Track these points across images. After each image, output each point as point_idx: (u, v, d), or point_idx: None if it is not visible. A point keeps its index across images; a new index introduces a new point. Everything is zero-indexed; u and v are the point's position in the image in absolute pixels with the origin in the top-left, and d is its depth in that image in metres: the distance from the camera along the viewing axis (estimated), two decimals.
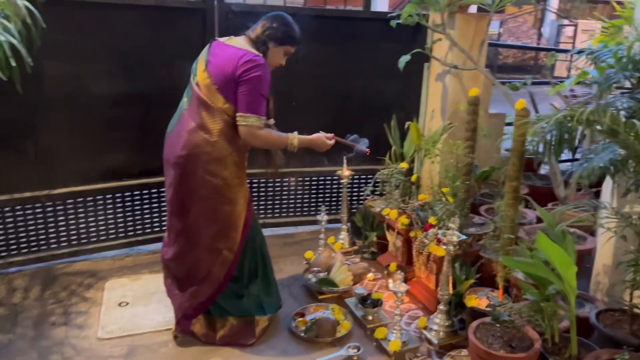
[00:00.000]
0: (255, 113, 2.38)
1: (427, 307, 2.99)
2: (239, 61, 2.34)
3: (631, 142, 1.88)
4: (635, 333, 2.33)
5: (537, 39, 16.88)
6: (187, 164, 2.41)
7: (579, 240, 3.09)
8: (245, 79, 2.34)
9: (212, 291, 2.56)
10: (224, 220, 2.51)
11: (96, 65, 3.21)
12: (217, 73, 2.39)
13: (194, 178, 2.42)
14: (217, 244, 2.51)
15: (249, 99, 2.36)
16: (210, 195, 2.45)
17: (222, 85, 2.38)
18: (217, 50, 2.47)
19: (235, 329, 2.62)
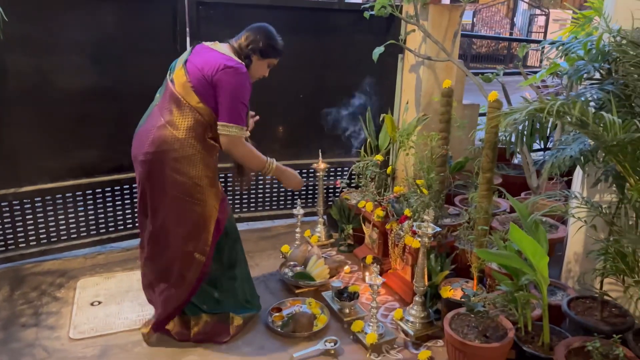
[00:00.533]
0: (237, 123, 2.33)
1: (403, 299, 3.01)
2: (220, 66, 2.29)
3: (600, 133, 1.90)
4: (605, 320, 2.38)
5: (510, 29, 17.07)
6: (154, 161, 2.34)
7: (550, 229, 3.14)
8: (226, 85, 2.29)
9: (186, 295, 2.50)
10: (193, 222, 2.43)
11: (63, 58, 3.12)
12: (194, 72, 2.33)
13: (161, 176, 2.36)
14: (187, 246, 2.43)
15: (231, 107, 2.31)
16: (179, 195, 2.37)
17: (198, 85, 2.32)
18: (200, 51, 2.42)
19: (209, 327, 2.59)
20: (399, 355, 2.53)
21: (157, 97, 2.48)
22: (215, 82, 2.29)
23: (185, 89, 2.34)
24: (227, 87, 2.29)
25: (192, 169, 2.37)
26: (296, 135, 3.88)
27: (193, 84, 2.32)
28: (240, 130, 2.35)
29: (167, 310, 2.52)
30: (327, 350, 2.52)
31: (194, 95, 2.32)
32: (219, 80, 2.28)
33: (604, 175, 2.28)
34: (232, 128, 2.32)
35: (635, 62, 2.09)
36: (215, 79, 2.28)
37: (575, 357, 2.13)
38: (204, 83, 2.31)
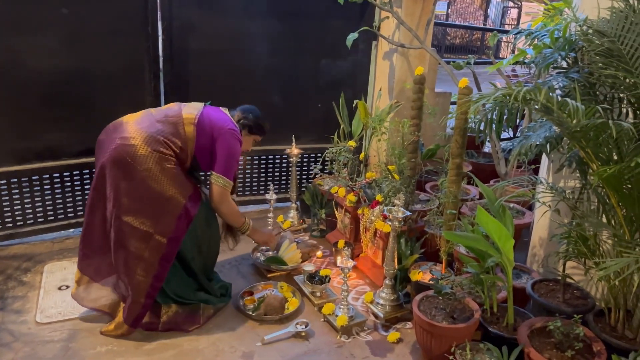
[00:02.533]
0: (228, 177, 2.60)
1: (374, 282, 3.05)
2: (227, 125, 2.60)
3: (565, 119, 1.95)
4: (567, 302, 2.47)
5: (484, 20, 17.27)
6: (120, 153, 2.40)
7: (518, 215, 3.22)
8: (226, 143, 2.57)
9: (151, 280, 2.44)
10: (150, 199, 2.41)
11: (31, 38, 3.02)
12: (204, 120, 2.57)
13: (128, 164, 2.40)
14: (144, 225, 2.41)
15: (226, 162, 2.58)
16: (142, 176, 2.39)
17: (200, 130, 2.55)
18: (214, 108, 2.70)
19: (179, 316, 2.56)
20: (368, 337, 2.58)
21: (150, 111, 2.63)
22: (217, 137, 2.56)
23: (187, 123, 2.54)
24: (226, 144, 2.58)
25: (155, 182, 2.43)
26: (269, 121, 3.83)
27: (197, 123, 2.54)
28: (228, 183, 2.61)
29: (136, 298, 2.44)
30: (297, 332, 2.55)
31: (191, 127, 2.53)
32: (221, 135, 2.57)
33: (568, 161, 2.35)
34: (223, 180, 2.58)
35: (600, 51, 2.15)
36: (219, 132, 2.57)
37: (537, 336, 2.20)
38: (206, 127, 2.56)
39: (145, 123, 2.50)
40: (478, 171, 3.71)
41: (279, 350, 2.46)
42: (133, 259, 2.42)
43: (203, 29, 3.49)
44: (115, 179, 2.40)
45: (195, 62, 3.52)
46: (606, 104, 2.16)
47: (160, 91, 3.46)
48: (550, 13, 3.75)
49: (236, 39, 3.60)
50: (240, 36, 3.60)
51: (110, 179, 2.41)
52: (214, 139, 2.56)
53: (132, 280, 2.44)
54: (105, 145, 2.47)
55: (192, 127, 2.53)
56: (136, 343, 2.45)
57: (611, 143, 2.05)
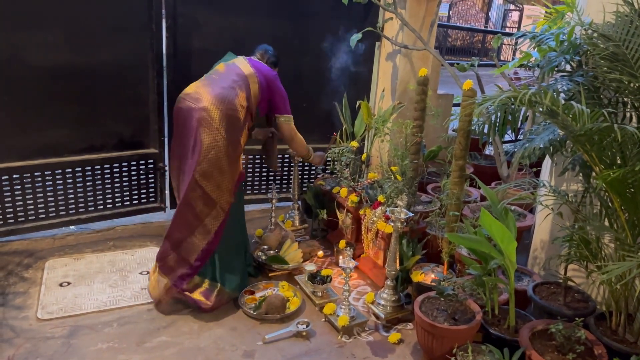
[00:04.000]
0: (289, 113, 2.98)
1: (375, 283, 3.05)
2: (272, 73, 2.91)
3: (569, 122, 1.95)
4: (568, 305, 2.47)
5: (485, 23, 17.28)
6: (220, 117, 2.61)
7: (519, 218, 3.23)
8: (278, 88, 2.91)
9: (205, 245, 2.64)
10: (222, 171, 2.63)
11: (35, 35, 3.02)
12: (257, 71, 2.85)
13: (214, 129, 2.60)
14: (213, 193, 2.63)
15: (285, 102, 2.94)
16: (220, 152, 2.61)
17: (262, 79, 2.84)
18: (251, 61, 2.93)
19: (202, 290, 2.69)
20: (369, 338, 2.58)
21: (217, 70, 2.85)
22: (270, 85, 2.87)
23: (250, 76, 2.80)
24: (279, 88, 2.92)
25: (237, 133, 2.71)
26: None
27: (257, 77, 2.81)
28: (291, 117, 3.00)
29: (188, 260, 2.64)
30: (299, 332, 2.55)
31: (256, 85, 2.80)
32: (272, 83, 2.88)
33: (571, 164, 2.35)
34: (287, 118, 2.97)
35: (605, 55, 2.16)
36: (270, 82, 2.87)
37: (538, 339, 2.20)
38: (263, 80, 2.83)
39: (217, 90, 2.67)
40: (479, 173, 3.71)
41: (280, 349, 2.46)
42: (196, 220, 2.63)
43: (207, 28, 3.49)
44: (201, 141, 2.58)
45: (198, 61, 3.52)
46: (610, 108, 2.17)
47: (163, 89, 3.46)
48: (553, 16, 3.76)
49: (240, 38, 3.59)
50: (244, 35, 3.60)
51: (199, 138, 2.59)
52: (269, 87, 2.86)
53: (190, 239, 2.64)
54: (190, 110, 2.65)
55: (257, 85, 2.80)
56: (137, 340, 2.45)
57: (615, 147, 2.06)
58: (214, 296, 2.69)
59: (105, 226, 3.53)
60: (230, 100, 2.65)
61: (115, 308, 2.67)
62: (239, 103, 2.68)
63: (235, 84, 2.73)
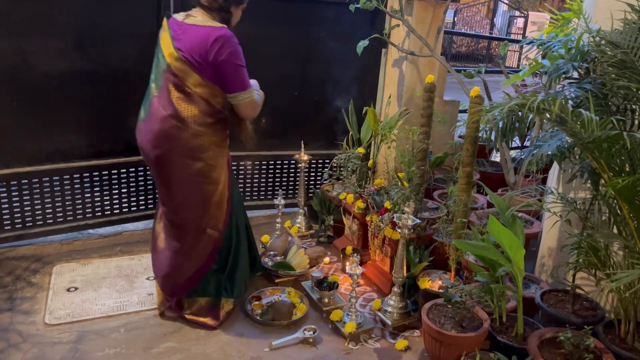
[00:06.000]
0: (245, 89, 2.39)
1: (381, 290, 3.05)
2: (208, 42, 2.26)
3: (578, 130, 1.95)
4: (576, 312, 2.46)
5: (490, 29, 17.30)
6: (165, 156, 2.38)
7: (526, 225, 3.21)
8: (222, 59, 2.27)
9: (195, 269, 2.57)
10: (208, 200, 2.50)
11: (44, 40, 3.04)
12: (188, 54, 2.29)
13: (174, 165, 2.40)
14: (201, 222, 2.52)
15: (235, 78, 2.34)
16: (193, 177, 2.43)
17: (197, 65, 2.29)
18: (179, 31, 2.34)
19: (202, 310, 2.63)
20: (376, 345, 2.57)
21: (154, 87, 2.42)
22: (212, 61, 2.27)
23: (184, 72, 2.31)
24: (223, 60, 2.27)
25: (204, 153, 2.42)
26: (279, 127, 3.87)
27: (192, 65, 2.29)
28: (250, 93, 2.41)
29: (177, 281, 2.57)
30: (305, 338, 2.55)
31: (195, 75, 2.30)
32: (213, 58, 2.26)
33: (580, 172, 2.35)
34: (244, 95, 2.39)
35: (613, 62, 2.16)
36: (210, 58, 2.26)
37: (547, 347, 2.19)
38: (200, 64, 2.28)
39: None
40: (486, 180, 3.70)
41: (287, 356, 2.46)
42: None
43: None
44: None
45: None
46: (619, 115, 2.17)
47: None
48: (560, 23, 3.77)
49: (246, 45, 3.58)
50: (250, 42, 3.58)
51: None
52: (209, 62, 2.29)
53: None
54: None
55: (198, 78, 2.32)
56: (144, 346, 2.45)
57: (624, 154, 2.05)
58: (221, 312, 2.64)
59: (113, 231, 3.54)
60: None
61: (122, 313, 2.68)
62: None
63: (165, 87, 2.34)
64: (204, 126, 2.38)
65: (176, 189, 2.46)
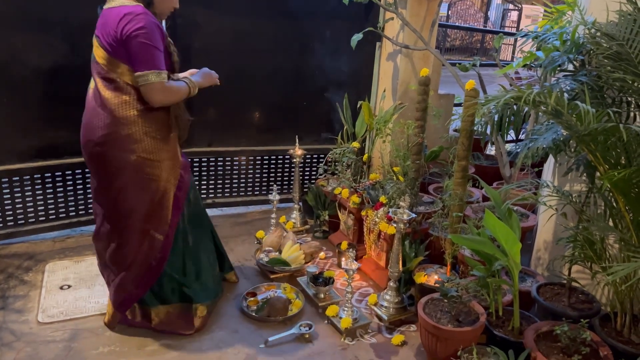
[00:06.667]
0: (153, 68, 2.15)
1: (377, 284, 3.04)
2: (117, 19, 2.12)
3: (574, 122, 1.94)
4: (573, 306, 2.46)
5: (484, 22, 17.28)
6: (98, 150, 2.26)
7: (521, 218, 3.21)
8: (130, 34, 2.10)
9: (145, 277, 2.41)
10: (149, 198, 2.33)
11: (34, 35, 3.00)
12: (104, 39, 2.18)
13: (109, 160, 2.26)
14: (143, 224, 2.34)
15: (142, 55, 2.13)
16: (131, 173, 2.27)
17: (111, 48, 2.16)
18: (101, 20, 2.24)
19: (172, 317, 2.50)
20: (372, 340, 2.56)
21: (91, 84, 2.36)
22: (121, 38, 2.12)
23: (107, 60, 2.19)
24: (130, 35, 2.10)
25: (136, 145, 2.25)
26: (273, 121, 3.85)
27: (110, 51, 2.17)
28: (158, 75, 2.17)
29: (127, 291, 2.42)
30: (301, 334, 2.53)
31: (116, 61, 2.18)
32: (121, 33, 2.11)
33: (576, 165, 2.34)
34: (150, 75, 2.15)
35: (608, 54, 2.14)
36: (119, 35, 2.12)
37: (543, 340, 2.19)
38: (115, 46, 2.16)
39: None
40: (481, 174, 3.68)
41: (283, 352, 2.44)
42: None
43: (206, 28, 3.47)
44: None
45: (198, 61, 3.47)
46: (614, 108, 2.15)
47: None
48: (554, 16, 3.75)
49: (240, 38, 3.58)
50: (244, 35, 3.59)
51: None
52: (117, 39, 2.13)
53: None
54: None
55: (101, 50, 2.18)
56: (139, 344, 2.43)
57: (620, 147, 2.05)
58: (195, 319, 2.51)
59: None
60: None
61: None
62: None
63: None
64: (132, 115, 2.22)
65: (113, 186, 2.29)
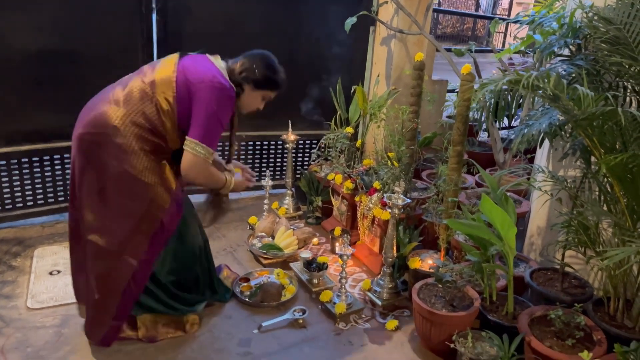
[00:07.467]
0: (209, 145, 2.07)
1: (370, 270, 3.03)
2: (207, 77, 2.06)
3: (571, 107, 1.93)
4: (566, 290, 2.46)
5: (475, 10, 17.24)
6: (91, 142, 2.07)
7: (515, 204, 3.21)
8: (206, 98, 2.03)
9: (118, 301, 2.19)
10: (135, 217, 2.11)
11: (21, 17, 2.92)
12: (182, 72, 2.09)
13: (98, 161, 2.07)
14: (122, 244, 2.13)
15: (206, 125, 2.05)
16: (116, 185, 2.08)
17: (181, 85, 2.07)
18: (197, 58, 2.19)
19: (160, 327, 2.35)
20: (366, 325, 2.56)
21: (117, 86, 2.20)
22: (195, 92, 2.04)
23: (164, 82, 2.07)
24: (206, 100, 2.03)
25: (136, 160, 2.07)
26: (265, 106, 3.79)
27: (177, 80, 2.07)
28: (209, 153, 2.09)
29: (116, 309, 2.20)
30: (295, 319, 2.52)
31: (171, 90, 2.06)
32: (199, 90, 2.04)
33: (572, 149, 2.33)
34: (201, 148, 2.06)
35: (606, 39, 2.13)
36: (196, 87, 2.04)
37: (537, 325, 2.19)
38: (184, 87, 2.07)
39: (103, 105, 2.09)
40: (474, 159, 3.68)
41: (276, 337, 2.43)
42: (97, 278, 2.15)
43: (198, 12, 3.40)
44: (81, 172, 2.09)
45: (189, 45, 3.39)
46: (611, 92, 2.15)
47: None
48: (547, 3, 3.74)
49: (232, 22, 3.52)
50: (236, 19, 3.53)
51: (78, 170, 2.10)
52: (192, 93, 2.04)
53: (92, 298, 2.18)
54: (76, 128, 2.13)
55: (172, 95, 2.05)
56: None
57: (616, 131, 2.04)
58: (187, 325, 2.39)
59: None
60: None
61: None
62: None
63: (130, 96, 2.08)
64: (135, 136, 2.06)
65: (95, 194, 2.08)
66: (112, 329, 2.24)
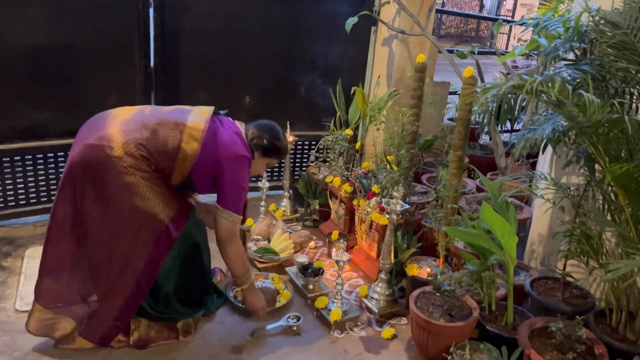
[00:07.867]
0: (236, 212, 2.25)
1: (367, 275, 2.97)
2: (236, 151, 2.22)
3: (576, 113, 1.87)
4: (567, 300, 2.41)
5: (479, 10, 17.17)
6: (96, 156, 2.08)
7: (516, 211, 3.15)
8: (232, 171, 2.21)
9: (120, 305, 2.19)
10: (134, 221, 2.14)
11: (15, 12, 2.86)
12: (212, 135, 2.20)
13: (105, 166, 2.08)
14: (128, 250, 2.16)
15: (234, 194, 2.24)
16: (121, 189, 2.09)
17: (206, 146, 2.17)
18: (226, 122, 2.32)
19: (153, 332, 2.31)
20: (362, 333, 2.50)
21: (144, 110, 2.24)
22: (222, 163, 2.19)
23: (190, 137, 2.15)
24: (233, 174, 2.22)
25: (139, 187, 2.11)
26: (264, 106, 3.73)
27: (204, 140, 2.16)
28: (237, 218, 2.26)
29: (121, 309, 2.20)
30: (289, 326, 2.46)
31: (196, 144, 2.15)
32: (228, 162, 2.20)
33: (576, 157, 2.27)
34: (232, 216, 2.24)
35: (612, 43, 2.07)
36: (223, 159, 2.19)
37: (537, 337, 2.13)
38: (211, 152, 2.18)
39: (131, 125, 2.13)
40: (475, 164, 3.61)
41: (270, 344, 2.37)
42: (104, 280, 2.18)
43: (197, 8, 3.35)
44: (83, 185, 2.10)
45: (187, 42, 3.39)
46: (617, 99, 2.08)
47: (150, 71, 3.32)
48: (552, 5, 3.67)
49: (231, 20, 3.46)
50: (235, 17, 3.47)
51: (79, 184, 2.11)
52: (219, 164, 2.20)
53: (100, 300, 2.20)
54: (80, 138, 2.15)
55: (197, 145, 2.16)
56: None
57: (622, 139, 1.98)
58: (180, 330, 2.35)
59: None
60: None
61: None
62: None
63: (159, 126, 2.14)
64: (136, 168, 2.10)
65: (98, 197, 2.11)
66: (112, 329, 2.24)
